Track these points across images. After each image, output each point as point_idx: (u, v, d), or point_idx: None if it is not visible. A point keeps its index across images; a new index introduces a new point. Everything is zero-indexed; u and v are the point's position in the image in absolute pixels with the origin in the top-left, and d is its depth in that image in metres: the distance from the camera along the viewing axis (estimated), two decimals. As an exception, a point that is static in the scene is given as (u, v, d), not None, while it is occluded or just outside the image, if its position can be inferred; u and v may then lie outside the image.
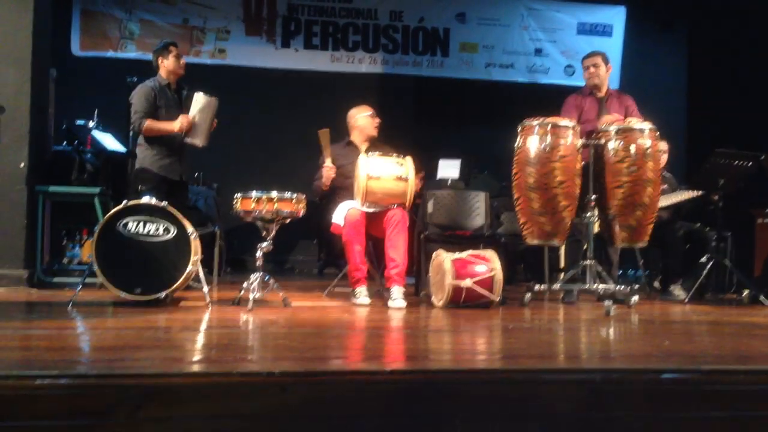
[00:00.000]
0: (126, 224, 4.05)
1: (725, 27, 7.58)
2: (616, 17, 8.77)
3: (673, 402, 2.33)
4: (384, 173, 4.55)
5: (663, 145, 5.56)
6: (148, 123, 4.87)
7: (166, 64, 5.07)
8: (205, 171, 7.19)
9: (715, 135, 6.42)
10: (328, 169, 4.88)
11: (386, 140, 5.21)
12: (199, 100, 4.86)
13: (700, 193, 5.47)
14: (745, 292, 5.52)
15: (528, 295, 4.58)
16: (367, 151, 4.88)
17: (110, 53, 7.85)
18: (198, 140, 4.90)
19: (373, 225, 4.68)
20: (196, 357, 2.65)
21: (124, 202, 4.12)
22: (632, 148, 4.48)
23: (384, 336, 3.45)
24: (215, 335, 3.32)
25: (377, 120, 5.10)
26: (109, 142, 5.85)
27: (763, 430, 2.32)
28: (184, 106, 5.00)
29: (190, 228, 4.16)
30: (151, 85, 4.98)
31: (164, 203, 4.17)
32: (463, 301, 4.35)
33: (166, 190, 4.88)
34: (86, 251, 5.90)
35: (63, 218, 5.67)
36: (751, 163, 5.18)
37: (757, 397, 2.37)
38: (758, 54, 7.19)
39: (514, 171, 4.59)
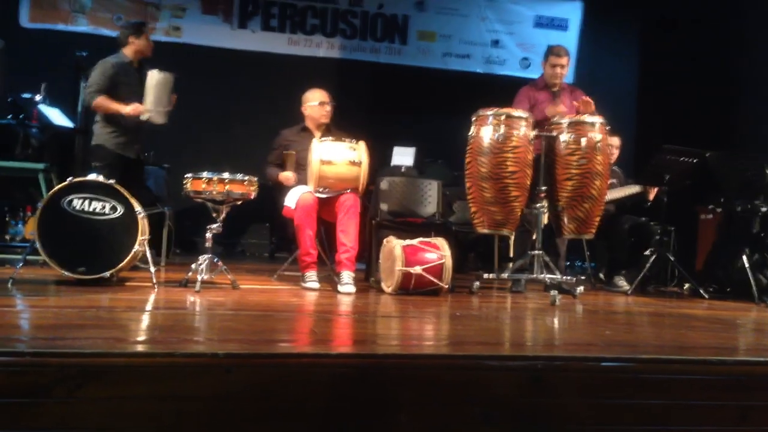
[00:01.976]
0: (71, 201, 3.95)
1: (678, 24, 7.74)
2: (573, 12, 8.88)
3: (612, 389, 2.39)
4: (337, 158, 4.54)
5: (615, 141, 5.67)
6: (100, 99, 4.76)
7: (137, 44, 4.98)
8: (157, 150, 7.05)
9: (664, 131, 6.56)
10: (287, 178, 4.86)
11: (341, 126, 5.19)
12: (154, 76, 4.75)
13: (640, 189, 5.63)
14: (686, 286, 5.69)
15: (477, 284, 4.63)
16: (321, 136, 4.86)
17: (60, 26, 7.62)
18: (157, 117, 4.81)
19: (325, 210, 4.67)
20: (140, 337, 2.61)
21: (70, 178, 4.02)
22: (583, 141, 4.55)
23: (332, 320, 3.45)
24: (160, 316, 3.28)
25: (327, 107, 5.05)
26: (56, 117, 5.70)
27: (695, 418, 2.39)
28: (143, 85, 4.90)
29: (138, 207, 4.08)
30: (113, 62, 4.89)
31: (112, 181, 4.09)
32: (412, 288, 4.38)
33: (122, 168, 4.82)
34: (29, 228, 5.74)
35: (5, 194, 5.52)
36: (696, 159, 5.32)
37: (691, 386, 2.45)
38: (708, 52, 7.37)
39: (467, 160, 4.62)
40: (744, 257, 5.17)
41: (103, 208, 4.00)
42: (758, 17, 6.77)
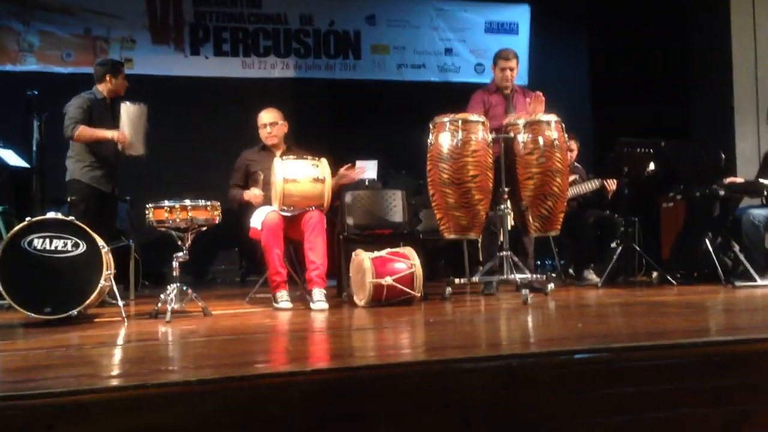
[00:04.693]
0: (31, 241, 3.88)
1: (622, 20, 7.89)
2: (522, 15, 9.00)
3: (586, 381, 2.40)
4: (300, 175, 4.53)
5: (572, 145, 5.76)
6: (81, 129, 4.78)
7: (114, 83, 5.02)
8: (117, 184, 6.97)
9: (619, 126, 6.67)
10: (255, 196, 4.85)
11: (302, 143, 5.19)
12: (129, 108, 4.78)
13: (599, 184, 5.72)
14: (654, 274, 5.78)
15: (448, 290, 4.65)
16: (281, 155, 4.85)
17: (9, 66, 7.52)
18: (135, 150, 4.84)
19: (292, 228, 4.65)
20: (111, 372, 2.57)
21: (28, 218, 3.96)
22: (540, 140, 4.61)
23: (306, 338, 3.43)
24: (131, 349, 3.23)
25: (267, 129, 5.00)
26: (11, 158, 5.61)
27: (669, 402, 2.42)
28: (117, 120, 4.89)
29: (100, 242, 4.02)
30: (88, 97, 4.94)
31: (70, 218, 4.03)
32: (384, 299, 4.37)
33: (97, 202, 4.82)
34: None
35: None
36: (652, 150, 5.42)
37: (664, 371, 2.48)
38: (656, 45, 7.52)
39: (428, 167, 4.65)
40: (707, 241, 5.26)
41: (65, 245, 3.93)
42: (703, 6, 6.94)
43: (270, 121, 5.01)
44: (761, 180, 5.25)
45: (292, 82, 8.38)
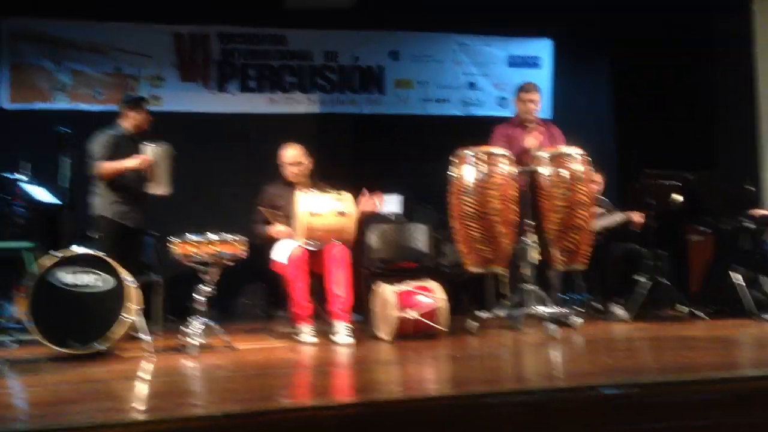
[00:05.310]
0: (60, 276, 3.94)
1: (646, 54, 7.89)
2: (544, 50, 9.04)
3: (614, 417, 2.37)
4: (324, 209, 4.56)
5: (597, 177, 5.73)
6: (105, 164, 4.86)
7: (134, 117, 5.11)
8: (144, 219, 7.05)
9: (644, 159, 6.64)
10: (280, 231, 4.88)
11: (326, 178, 5.22)
12: (152, 151, 4.87)
13: (624, 216, 5.68)
14: (684, 308, 5.68)
15: (474, 324, 4.61)
16: (305, 189, 4.88)
17: (40, 105, 7.69)
18: (161, 189, 4.95)
19: (315, 262, 4.66)
20: (137, 406, 2.58)
21: (50, 252, 4.01)
22: (565, 173, 4.60)
23: (331, 372, 3.42)
24: (157, 383, 3.24)
25: (293, 169, 5.05)
26: (42, 194, 5.71)
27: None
28: None
29: (128, 277, 4.07)
30: (111, 133, 5.03)
31: (102, 253, 4.08)
32: (410, 333, 4.35)
33: (121, 238, 4.87)
34: (20, 308, 5.69)
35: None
36: (678, 182, 5.38)
37: (695, 407, 2.43)
38: (680, 77, 7.50)
39: (451, 201, 4.65)
40: (737, 275, 5.17)
41: (95, 280, 3.99)
42: (727, 37, 6.92)
43: (294, 161, 5.06)
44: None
45: (317, 118, 8.44)
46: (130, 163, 4.88)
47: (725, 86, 6.75)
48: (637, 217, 5.72)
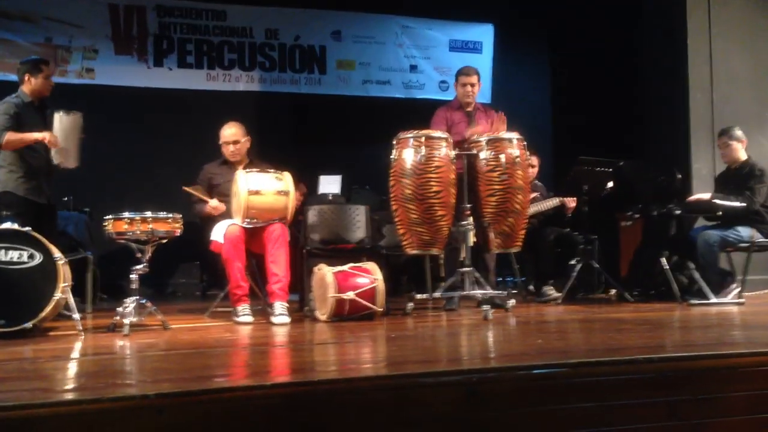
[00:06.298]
0: (-15, 252, 3.79)
1: (584, 42, 8.06)
2: (485, 35, 9.13)
3: (545, 396, 2.43)
4: (264, 188, 4.51)
5: (533, 160, 5.84)
6: (9, 135, 4.47)
7: (33, 83, 4.69)
8: (76, 195, 6.84)
9: (579, 145, 6.78)
10: (215, 207, 4.81)
11: (265, 157, 5.17)
12: (61, 119, 4.53)
13: (559, 201, 5.82)
14: (613, 291, 5.88)
15: (410, 305, 4.66)
16: (244, 168, 4.82)
17: (-36, 74, 7.36)
18: (69, 161, 4.60)
19: (254, 241, 4.62)
20: (66, 386, 2.52)
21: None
22: (502, 158, 4.67)
23: (267, 352, 3.41)
24: (87, 363, 3.17)
25: (230, 147, 4.95)
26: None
27: (627, 417, 2.46)
28: (48, 126, 4.69)
29: (57, 253, 3.95)
30: (14, 101, 4.62)
31: (28, 228, 3.94)
32: (347, 314, 4.37)
33: (33, 215, 4.58)
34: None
35: None
36: (611, 169, 5.53)
37: (621, 386, 2.52)
38: (614, 66, 7.69)
39: (391, 183, 4.68)
40: (663, 260, 5.37)
41: (20, 256, 3.85)
42: (660, 29, 7.12)
43: (232, 140, 4.96)
44: (715, 200, 5.38)
45: (257, 96, 8.35)
46: (37, 135, 4.49)
47: (659, 77, 6.95)
48: (571, 202, 5.87)
